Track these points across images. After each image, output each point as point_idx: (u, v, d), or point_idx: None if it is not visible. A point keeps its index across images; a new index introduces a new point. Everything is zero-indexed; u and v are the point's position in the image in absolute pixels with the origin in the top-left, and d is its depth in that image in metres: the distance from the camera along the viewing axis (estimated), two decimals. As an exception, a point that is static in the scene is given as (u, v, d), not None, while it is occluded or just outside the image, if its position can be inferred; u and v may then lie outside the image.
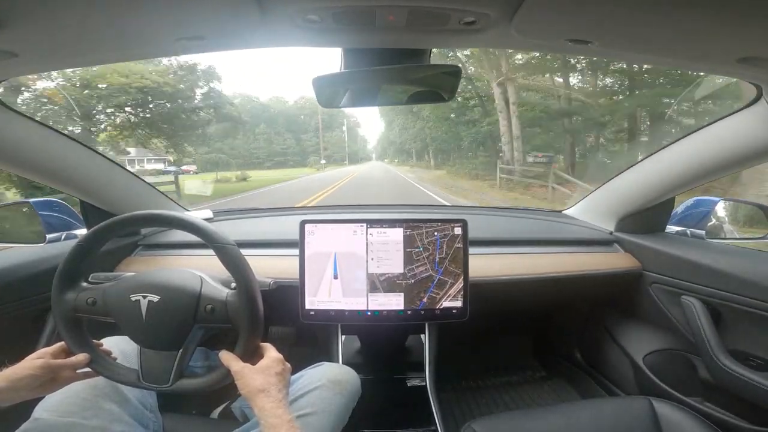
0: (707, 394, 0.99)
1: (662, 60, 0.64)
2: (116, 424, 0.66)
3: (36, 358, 0.60)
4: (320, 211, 1.59)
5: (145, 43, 0.57)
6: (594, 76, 10.48)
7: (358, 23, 0.52)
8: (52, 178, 0.91)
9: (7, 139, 0.77)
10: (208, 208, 1.40)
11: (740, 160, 0.83)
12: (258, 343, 0.63)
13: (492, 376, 1.53)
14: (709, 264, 0.94)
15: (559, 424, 0.79)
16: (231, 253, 0.61)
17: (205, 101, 12.78)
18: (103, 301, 0.63)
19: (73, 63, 0.64)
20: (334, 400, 0.74)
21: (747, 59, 0.55)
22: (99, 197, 1.03)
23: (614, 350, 1.25)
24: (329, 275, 0.95)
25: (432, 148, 21.17)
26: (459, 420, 1.28)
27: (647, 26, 0.49)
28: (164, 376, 0.62)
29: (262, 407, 0.55)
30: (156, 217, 0.68)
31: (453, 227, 0.96)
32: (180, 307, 0.61)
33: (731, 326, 0.92)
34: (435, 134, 17.82)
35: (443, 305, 0.96)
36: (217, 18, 0.50)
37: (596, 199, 1.30)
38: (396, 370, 1.07)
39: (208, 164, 23.86)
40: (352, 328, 1.11)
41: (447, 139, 16.05)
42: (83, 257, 0.65)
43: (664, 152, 0.99)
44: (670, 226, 1.16)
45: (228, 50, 0.61)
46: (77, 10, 0.44)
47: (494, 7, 0.47)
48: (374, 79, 0.70)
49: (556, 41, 0.57)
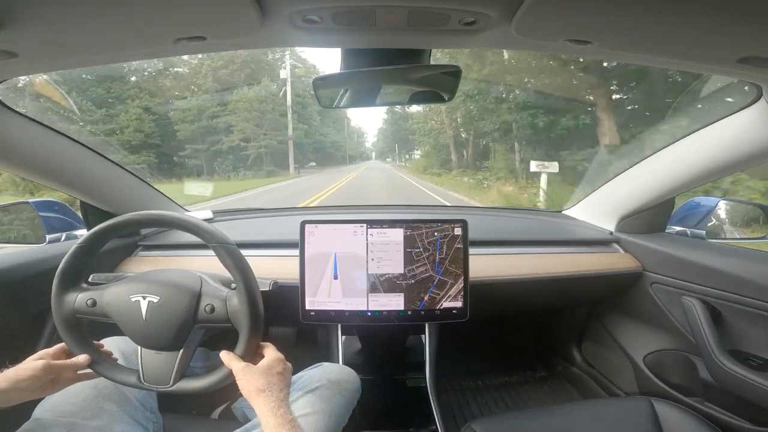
0: (707, 395, 0.99)
1: (662, 60, 0.64)
2: (116, 425, 0.66)
3: (36, 359, 0.60)
4: (321, 211, 1.59)
5: (145, 43, 0.57)
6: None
7: (358, 23, 0.52)
8: (52, 178, 0.91)
9: (7, 139, 0.77)
10: (208, 208, 1.40)
11: (740, 160, 0.83)
12: (258, 343, 0.63)
13: (492, 376, 1.53)
14: (710, 264, 0.94)
15: (560, 424, 0.79)
16: (231, 253, 0.61)
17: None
18: (103, 301, 0.63)
19: (73, 63, 0.64)
20: (334, 400, 0.74)
21: (747, 59, 0.55)
22: (99, 198, 1.03)
23: (614, 350, 1.25)
24: (329, 275, 0.94)
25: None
26: (459, 420, 1.28)
27: (647, 26, 0.49)
28: (165, 376, 0.62)
29: (263, 407, 0.55)
30: (156, 218, 0.68)
31: (453, 227, 0.96)
32: (180, 308, 0.61)
33: (731, 326, 0.92)
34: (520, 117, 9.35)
35: (443, 306, 0.95)
36: (217, 18, 0.50)
37: (596, 199, 1.30)
38: (396, 370, 1.07)
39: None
40: (353, 329, 1.11)
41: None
42: (83, 258, 0.65)
43: (665, 152, 1.00)
44: (670, 226, 1.16)
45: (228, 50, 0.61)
46: (77, 10, 0.44)
47: (494, 7, 0.47)
48: (374, 80, 0.70)
49: (556, 41, 0.57)
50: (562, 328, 1.52)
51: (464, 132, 14.90)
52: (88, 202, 1.04)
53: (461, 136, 15.33)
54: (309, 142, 25.25)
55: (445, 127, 15.75)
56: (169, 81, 18.71)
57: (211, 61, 18.67)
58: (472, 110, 12.16)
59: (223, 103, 18.75)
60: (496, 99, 10.72)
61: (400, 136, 36.32)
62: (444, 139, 16.43)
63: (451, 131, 15.53)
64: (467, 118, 13.33)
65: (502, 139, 11.48)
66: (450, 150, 16.15)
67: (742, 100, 0.76)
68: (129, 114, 14.74)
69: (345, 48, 0.64)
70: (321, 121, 27.27)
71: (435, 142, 17.46)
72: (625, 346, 1.21)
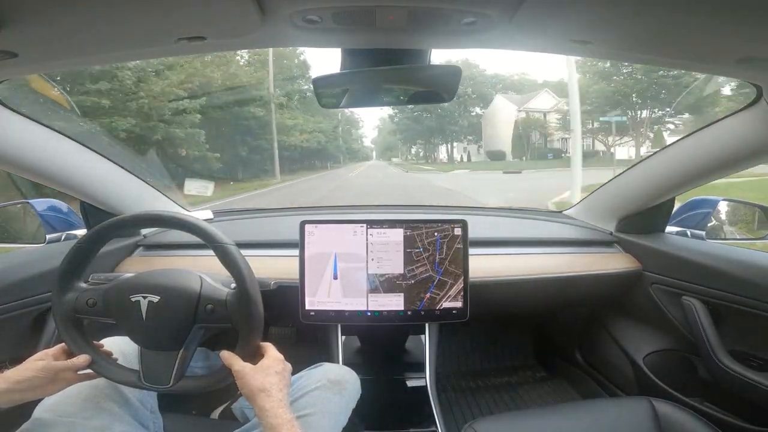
0: (708, 395, 0.99)
1: (662, 60, 0.64)
2: (117, 425, 0.66)
3: (37, 359, 0.60)
4: (320, 211, 1.59)
5: (145, 43, 0.57)
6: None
7: (358, 23, 0.52)
8: (52, 178, 0.91)
9: (7, 139, 0.77)
10: (208, 208, 1.40)
11: (740, 161, 0.83)
12: (258, 343, 0.63)
13: (492, 376, 1.53)
14: (709, 264, 0.94)
15: (560, 424, 0.79)
16: (231, 253, 0.61)
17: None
18: (104, 301, 0.63)
19: (73, 63, 0.64)
20: (334, 400, 0.74)
21: (747, 59, 0.55)
22: (99, 197, 1.03)
23: (614, 350, 1.25)
24: (329, 276, 0.94)
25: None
26: (459, 420, 1.28)
27: (647, 26, 0.49)
28: (165, 376, 0.62)
29: (263, 407, 0.55)
30: (156, 218, 0.68)
31: (453, 228, 0.96)
32: (180, 308, 0.61)
33: (731, 326, 0.92)
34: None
35: (443, 306, 0.95)
36: (217, 18, 0.50)
37: (596, 199, 1.30)
38: (396, 370, 1.07)
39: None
40: (353, 329, 1.11)
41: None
42: (83, 258, 0.65)
43: (665, 153, 1.00)
44: (670, 226, 1.16)
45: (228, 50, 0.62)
46: (77, 10, 0.44)
47: (494, 7, 0.47)
48: (374, 80, 0.70)
49: (556, 41, 0.57)
50: (562, 328, 1.52)
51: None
52: (88, 202, 1.04)
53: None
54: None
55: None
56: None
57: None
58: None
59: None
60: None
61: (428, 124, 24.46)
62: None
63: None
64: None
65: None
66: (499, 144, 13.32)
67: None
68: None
69: (345, 48, 0.64)
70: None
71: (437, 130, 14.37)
72: (625, 346, 1.21)
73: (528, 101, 21.64)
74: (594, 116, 15.96)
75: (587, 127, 15.88)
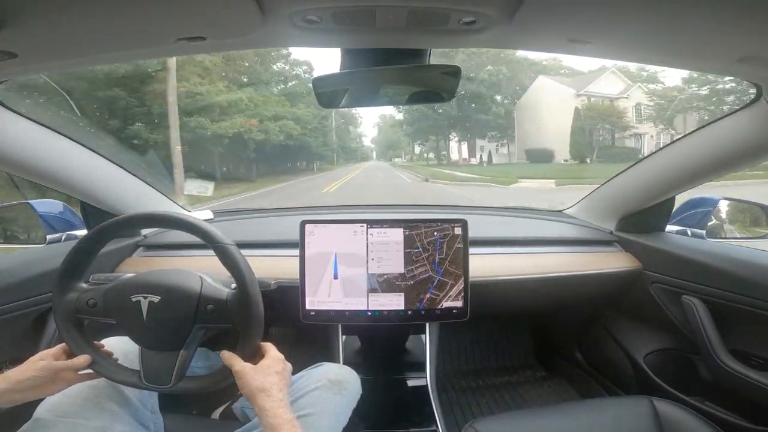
0: (708, 394, 0.99)
1: (662, 60, 0.64)
2: (117, 425, 0.66)
3: (38, 359, 0.60)
4: (321, 211, 1.59)
5: (145, 43, 0.57)
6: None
7: (357, 23, 0.52)
8: (52, 178, 0.91)
9: (7, 139, 0.77)
10: (208, 208, 1.40)
11: (740, 160, 0.83)
12: (259, 343, 0.63)
13: (492, 375, 1.53)
14: (710, 263, 0.94)
15: (561, 424, 0.79)
16: (231, 253, 0.61)
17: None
18: (104, 301, 0.63)
19: (73, 63, 0.64)
20: (335, 400, 0.74)
21: (747, 59, 0.55)
22: (99, 198, 1.03)
23: (615, 350, 1.25)
24: (329, 275, 0.94)
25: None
26: (460, 420, 1.28)
27: (647, 26, 0.49)
28: (165, 376, 0.62)
29: (263, 407, 0.55)
30: (156, 218, 0.68)
31: (453, 227, 0.96)
32: (180, 308, 0.61)
33: (732, 326, 0.92)
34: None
35: (443, 306, 0.95)
36: (217, 18, 0.50)
37: (596, 198, 1.30)
38: (396, 370, 1.07)
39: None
40: (353, 329, 1.11)
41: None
42: (83, 258, 0.65)
43: (665, 151, 1.00)
44: (670, 225, 1.16)
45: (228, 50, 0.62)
46: (77, 10, 0.44)
47: (494, 7, 0.47)
48: (374, 79, 0.70)
49: (556, 41, 0.57)
50: (562, 328, 1.52)
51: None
52: (88, 202, 1.04)
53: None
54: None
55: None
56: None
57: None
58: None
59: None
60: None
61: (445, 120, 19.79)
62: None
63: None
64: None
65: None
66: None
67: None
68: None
69: (345, 48, 0.64)
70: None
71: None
72: (626, 346, 1.21)
73: (587, 84, 15.43)
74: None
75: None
